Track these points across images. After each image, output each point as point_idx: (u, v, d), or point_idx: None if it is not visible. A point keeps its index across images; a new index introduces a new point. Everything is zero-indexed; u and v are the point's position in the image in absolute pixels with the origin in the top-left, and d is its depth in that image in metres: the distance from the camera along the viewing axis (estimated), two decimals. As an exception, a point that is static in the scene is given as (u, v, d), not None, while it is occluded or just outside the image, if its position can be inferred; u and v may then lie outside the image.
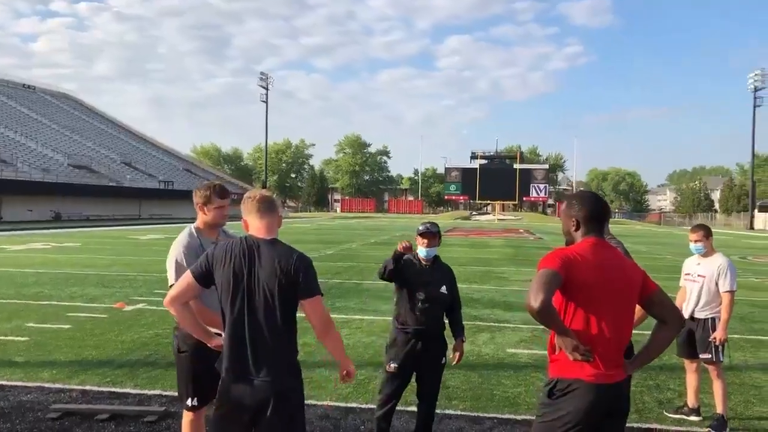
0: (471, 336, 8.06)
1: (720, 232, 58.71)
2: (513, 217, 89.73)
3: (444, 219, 79.69)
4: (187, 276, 2.97)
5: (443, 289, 4.44)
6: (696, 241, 5.48)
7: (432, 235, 4.46)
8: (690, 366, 5.61)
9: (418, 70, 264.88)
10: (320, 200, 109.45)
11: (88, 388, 5.77)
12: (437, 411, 4.72)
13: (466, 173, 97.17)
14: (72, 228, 37.79)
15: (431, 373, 4.45)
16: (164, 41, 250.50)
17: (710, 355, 5.31)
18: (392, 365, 4.34)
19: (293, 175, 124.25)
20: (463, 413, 5.38)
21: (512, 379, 6.50)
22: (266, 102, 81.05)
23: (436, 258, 4.55)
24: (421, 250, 4.47)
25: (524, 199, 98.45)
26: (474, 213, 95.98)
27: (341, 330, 8.27)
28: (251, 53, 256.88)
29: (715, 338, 5.28)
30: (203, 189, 3.81)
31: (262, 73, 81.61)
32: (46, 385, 5.89)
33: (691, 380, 5.62)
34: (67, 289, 12.26)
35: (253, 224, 3.00)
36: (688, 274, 5.58)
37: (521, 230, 50.31)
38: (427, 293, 4.35)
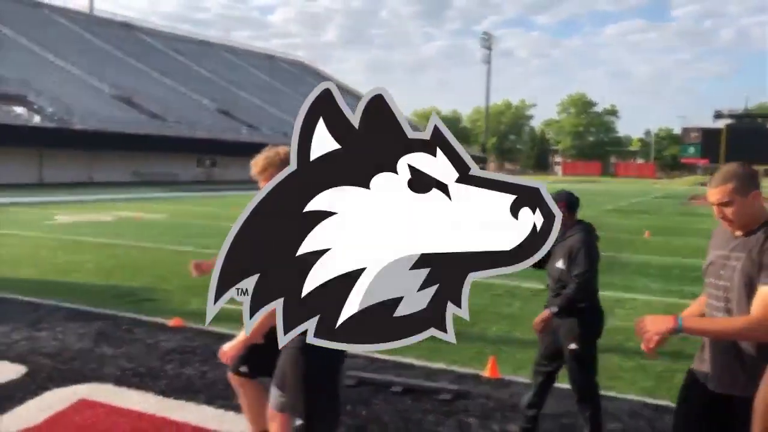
0: None
1: None
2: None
3: (680, 186, 73.17)
4: None
5: (559, 263, 3.85)
6: None
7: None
8: None
9: (648, 22, 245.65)
10: (539, 163, 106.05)
11: (376, 356, 5.58)
12: None
13: (708, 134, 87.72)
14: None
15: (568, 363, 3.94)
16: (386, 5, 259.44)
17: None
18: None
19: (512, 137, 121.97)
20: None
21: None
22: (489, 63, 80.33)
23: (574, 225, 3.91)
24: None
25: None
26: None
27: (614, 310, 7.47)
28: (469, 13, 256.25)
29: None
30: None
31: (484, 33, 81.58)
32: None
33: None
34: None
35: None
36: None
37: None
38: (548, 270, 3.93)
